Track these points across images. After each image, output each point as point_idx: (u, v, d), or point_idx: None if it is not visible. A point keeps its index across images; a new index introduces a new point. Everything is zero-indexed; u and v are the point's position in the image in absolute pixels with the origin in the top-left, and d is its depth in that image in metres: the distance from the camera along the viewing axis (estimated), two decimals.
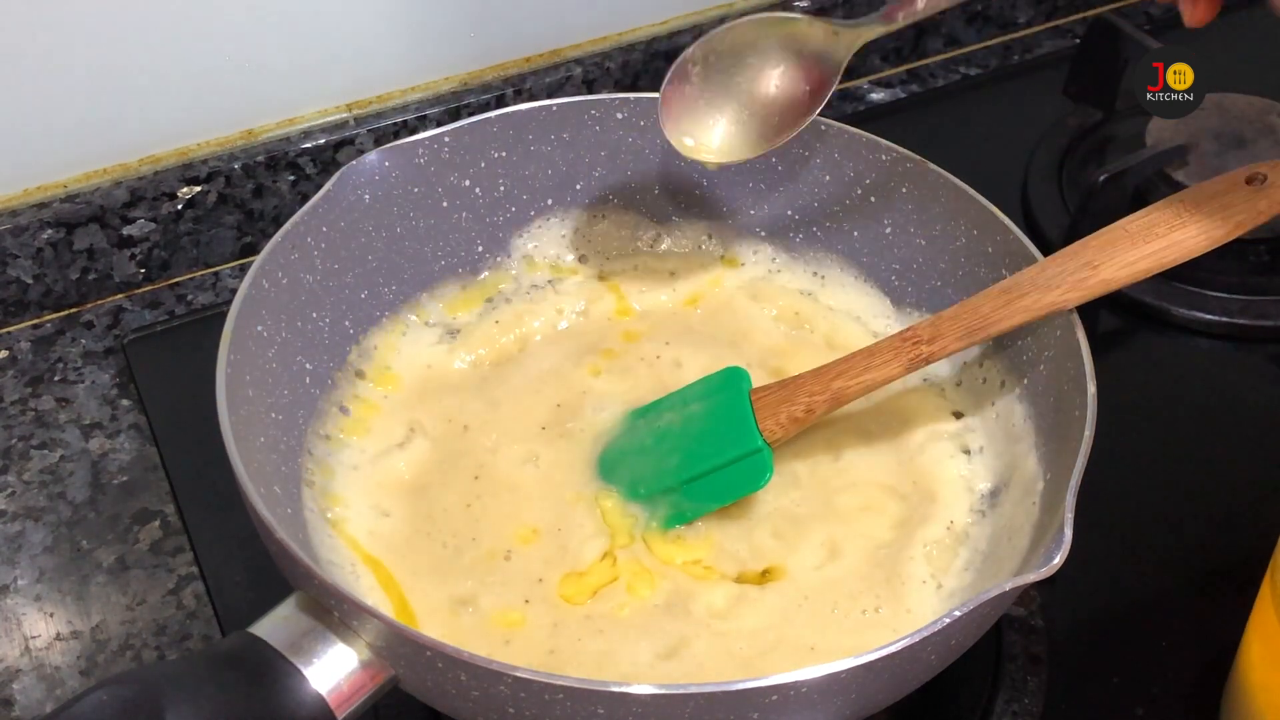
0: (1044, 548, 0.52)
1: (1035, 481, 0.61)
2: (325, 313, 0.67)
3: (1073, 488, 0.54)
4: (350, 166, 0.67)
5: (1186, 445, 0.75)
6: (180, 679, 0.50)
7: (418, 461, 0.66)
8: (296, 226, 0.65)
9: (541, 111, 0.72)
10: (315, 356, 0.66)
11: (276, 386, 0.63)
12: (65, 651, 0.67)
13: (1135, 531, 0.71)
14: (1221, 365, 0.80)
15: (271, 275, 0.63)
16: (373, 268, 0.69)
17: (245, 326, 0.61)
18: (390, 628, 0.51)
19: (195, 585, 0.70)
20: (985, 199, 0.67)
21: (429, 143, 0.69)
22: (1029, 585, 0.51)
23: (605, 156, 0.73)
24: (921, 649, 0.50)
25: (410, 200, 0.70)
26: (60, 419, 0.77)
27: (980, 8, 0.99)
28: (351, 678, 0.52)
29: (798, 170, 0.73)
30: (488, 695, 0.50)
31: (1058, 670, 0.64)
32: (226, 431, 0.56)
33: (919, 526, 0.63)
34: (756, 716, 0.49)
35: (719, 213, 0.75)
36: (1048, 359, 0.63)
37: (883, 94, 0.97)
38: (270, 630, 0.52)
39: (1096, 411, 0.57)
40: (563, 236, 0.74)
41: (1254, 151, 0.84)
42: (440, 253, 0.72)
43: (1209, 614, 0.67)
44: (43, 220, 0.80)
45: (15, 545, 0.72)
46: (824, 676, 0.49)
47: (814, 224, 0.74)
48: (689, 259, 0.75)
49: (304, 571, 0.52)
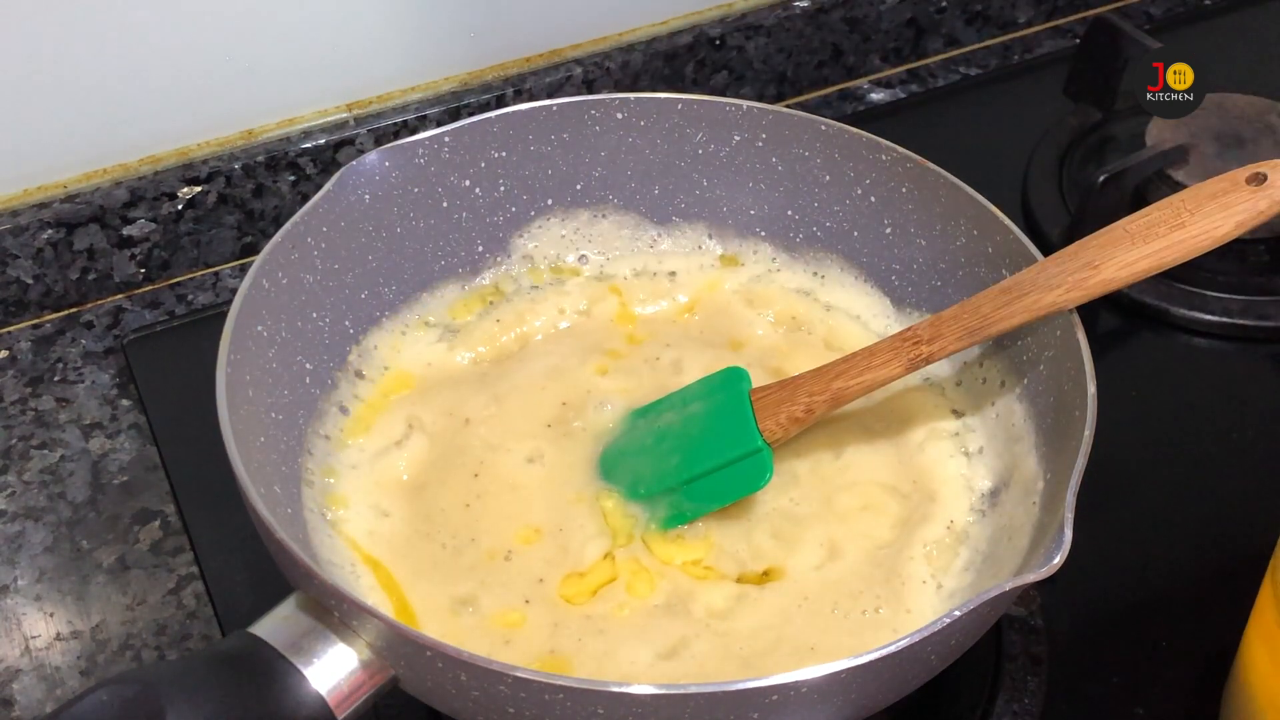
0: (1044, 548, 0.52)
1: (1035, 481, 0.61)
2: (325, 313, 0.67)
3: (1073, 488, 0.54)
4: (350, 167, 0.67)
5: (1186, 445, 0.75)
6: (181, 679, 0.50)
7: (417, 460, 0.66)
8: (296, 226, 0.65)
9: (541, 112, 0.72)
10: (315, 356, 0.66)
11: (276, 386, 0.63)
12: (65, 651, 0.67)
13: (1135, 532, 0.71)
14: (1221, 365, 0.80)
15: (271, 275, 0.63)
16: (373, 268, 0.69)
17: (245, 326, 0.61)
18: (390, 628, 0.51)
19: (195, 585, 0.70)
20: (985, 199, 0.67)
21: (429, 143, 0.69)
22: (1029, 585, 0.51)
23: (605, 156, 0.73)
24: (921, 649, 0.50)
25: (410, 200, 0.70)
26: (60, 419, 0.77)
27: (980, 8, 0.99)
28: (351, 678, 0.52)
29: (798, 170, 0.73)
30: (488, 695, 0.50)
31: (1058, 670, 0.64)
32: (226, 431, 0.56)
33: (919, 526, 0.63)
34: (757, 716, 0.49)
35: (719, 213, 0.75)
36: (1048, 359, 0.63)
37: (883, 94, 0.97)
38: (270, 630, 0.52)
39: (1097, 411, 0.57)
40: (563, 237, 0.74)
41: (1254, 151, 0.84)
42: (440, 253, 0.72)
43: (1209, 614, 0.67)
44: (43, 220, 0.80)
45: (15, 545, 0.72)
46: (824, 676, 0.48)
47: (814, 224, 0.74)
48: (689, 259, 0.75)
49: (304, 571, 0.52)
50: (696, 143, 0.73)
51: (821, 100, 0.97)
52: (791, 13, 0.93)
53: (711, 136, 0.73)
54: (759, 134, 0.72)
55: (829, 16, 0.94)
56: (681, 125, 0.73)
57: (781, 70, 0.95)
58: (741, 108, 0.72)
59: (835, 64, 0.97)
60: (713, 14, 0.92)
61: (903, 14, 0.96)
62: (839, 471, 0.66)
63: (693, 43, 0.91)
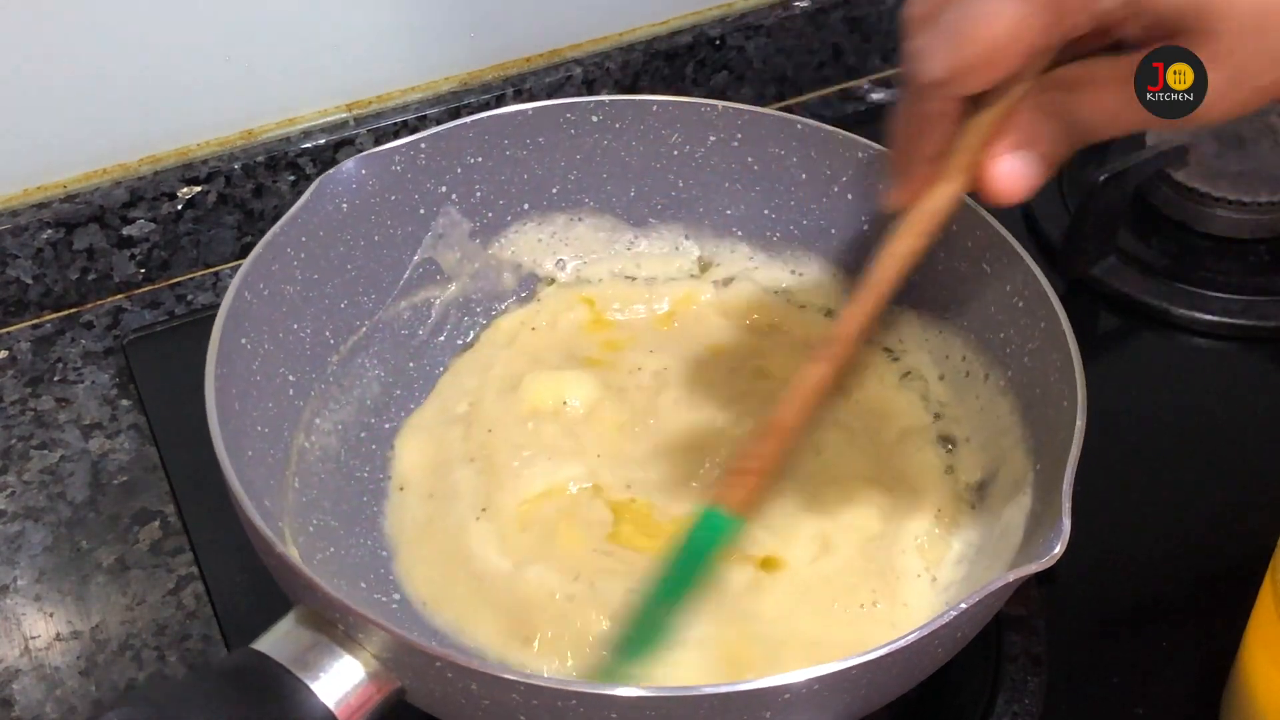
0: (1042, 538, 0.53)
1: (1025, 473, 0.61)
2: (306, 323, 0.66)
3: (1068, 477, 0.54)
4: (328, 175, 0.66)
5: (1186, 445, 0.75)
6: (190, 698, 0.50)
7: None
8: (276, 237, 0.64)
9: (517, 116, 0.71)
10: (297, 367, 0.66)
11: (261, 399, 0.62)
12: (65, 651, 0.67)
13: (1135, 532, 0.71)
14: (1221, 365, 0.80)
15: (253, 287, 0.63)
16: (352, 277, 0.68)
17: (230, 339, 0.60)
18: (396, 639, 0.50)
19: (195, 585, 0.70)
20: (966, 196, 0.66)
21: (405, 149, 0.69)
22: (1030, 575, 0.51)
23: (580, 160, 0.73)
24: (929, 642, 0.50)
25: (388, 208, 0.69)
26: (60, 419, 0.77)
27: None
28: (359, 690, 0.51)
29: (774, 169, 0.73)
30: (498, 704, 0.50)
31: (1058, 670, 0.64)
32: (220, 448, 0.55)
33: (905, 519, 0.63)
34: (769, 715, 0.50)
35: (695, 213, 0.75)
36: (1031, 351, 0.63)
37: (883, 94, 0.97)
38: (275, 645, 0.52)
39: (1087, 398, 0.57)
40: (539, 241, 0.74)
41: (1254, 151, 0.84)
42: (418, 260, 0.72)
43: (1209, 614, 0.67)
44: (43, 220, 0.80)
45: (15, 545, 0.72)
46: (836, 673, 0.49)
47: (791, 222, 0.73)
48: (667, 260, 0.75)
49: (306, 585, 0.51)
50: (672, 144, 0.73)
51: (821, 100, 0.97)
52: (791, 13, 0.93)
53: (687, 137, 0.73)
54: (734, 134, 0.72)
55: (829, 16, 0.94)
56: (657, 127, 0.72)
57: (781, 70, 0.95)
58: (716, 108, 0.72)
59: (835, 64, 0.97)
60: (713, 14, 0.92)
61: None
62: (822, 467, 0.66)
63: (693, 43, 0.91)
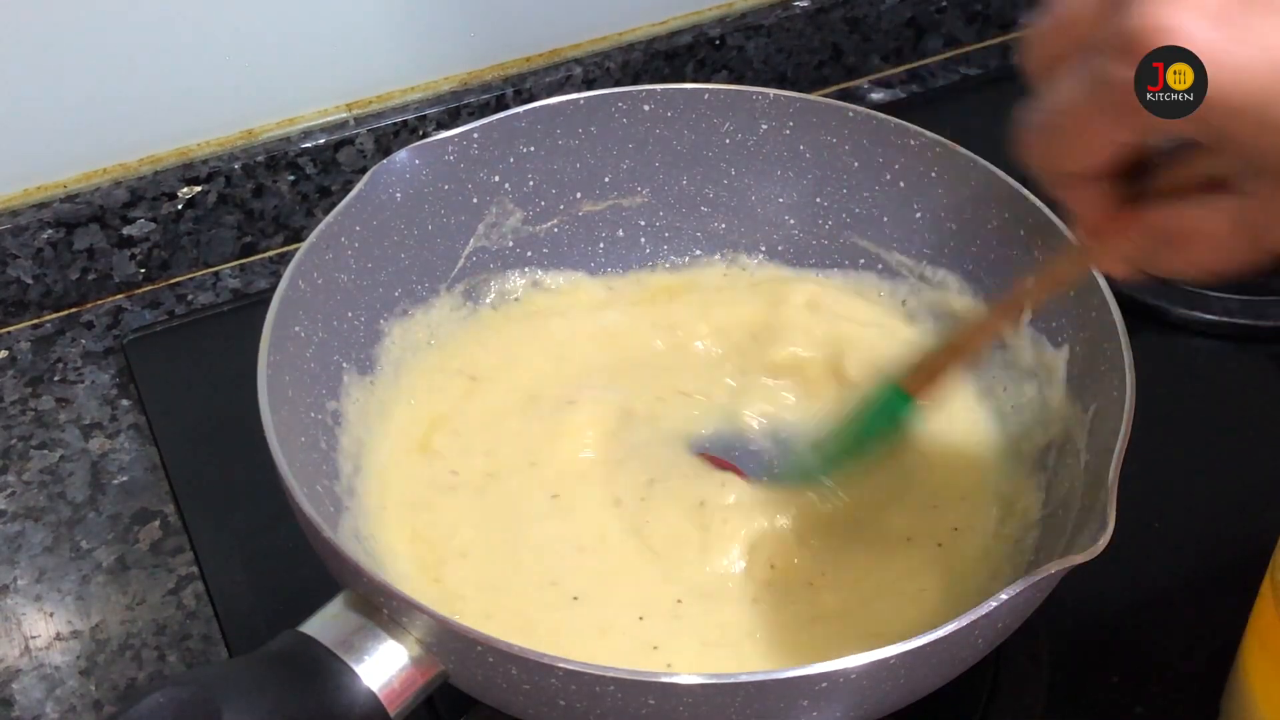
0: (1086, 530, 0.53)
1: (1077, 464, 0.61)
2: (360, 311, 0.67)
3: (1114, 468, 0.54)
4: (381, 165, 0.67)
5: (1186, 445, 0.75)
6: (235, 679, 0.50)
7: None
8: (330, 226, 0.65)
9: (569, 105, 0.71)
10: (351, 354, 0.66)
11: (315, 385, 0.63)
12: (65, 651, 0.67)
13: (1134, 532, 0.70)
14: (1221, 365, 0.80)
15: (307, 275, 0.63)
16: (405, 265, 0.69)
17: (284, 327, 0.61)
18: (440, 624, 0.50)
19: (195, 585, 0.70)
20: (1016, 182, 0.66)
21: (458, 139, 0.69)
22: (1074, 566, 0.51)
23: (633, 149, 0.73)
24: (969, 633, 0.50)
25: (441, 197, 0.70)
26: (60, 419, 0.77)
27: (980, 8, 0.99)
28: (403, 674, 0.51)
29: (826, 157, 0.73)
30: (538, 689, 0.50)
31: (1058, 670, 0.64)
32: (270, 434, 0.56)
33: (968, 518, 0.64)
34: (806, 704, 0.50)
35: (747, 201, 0.75)
36: (1083, 340, 0.63)
37: (883, 94, 0.97)
38: (320, 629, 0.52)
39: (1137, 387, 0.57)
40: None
41: None
42: (472, 248, 0.72)
43: (1209, 614, 0.67)
44: (43, 220, 0.80)
45: (15, 545, 0.72)
46: (873, 663, 0.49)
47: (843, 210, 0.73)
48: (718, 247, 0.76)
49: (353, 570, 0.52)
50: (724, 132, 0.73)
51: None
52: (791, 13, 0.93)
53: (738, 126, 0.73)
54: (786, 122, 0.72)
55: (829, 16, 0.94)
56: (708, 115, 0.73)
57: (781, 70, 0.95)
58: (768, 96, 0.72)
59: (835, 64, 0.97)
60: (713, 14, 0.92)
61: (903, 14, 0.97)
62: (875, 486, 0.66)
63: (693, 43, 0.91)
